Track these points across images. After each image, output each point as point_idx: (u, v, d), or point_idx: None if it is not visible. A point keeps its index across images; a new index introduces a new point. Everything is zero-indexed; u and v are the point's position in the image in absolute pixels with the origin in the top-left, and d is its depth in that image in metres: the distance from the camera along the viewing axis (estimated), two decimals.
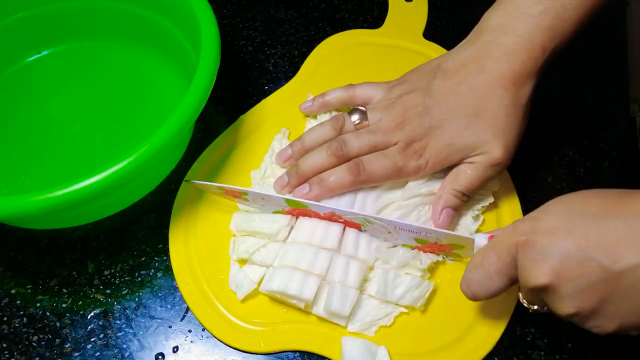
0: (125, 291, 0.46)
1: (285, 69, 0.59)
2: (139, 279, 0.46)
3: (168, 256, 0.47)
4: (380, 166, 0.45)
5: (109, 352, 0.43)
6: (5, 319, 0.45)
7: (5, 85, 0.58)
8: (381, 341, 0.42)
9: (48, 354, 0.43)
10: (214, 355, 0.43)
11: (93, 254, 0.48)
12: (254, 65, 0.59)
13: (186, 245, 0.47)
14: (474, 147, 0.44)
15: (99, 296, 0.46)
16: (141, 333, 0.44)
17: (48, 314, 0.45)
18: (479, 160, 0.44)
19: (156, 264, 0.47)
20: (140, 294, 0.46)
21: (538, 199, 0.49)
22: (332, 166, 0.46)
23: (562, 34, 0.44)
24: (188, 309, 0.44)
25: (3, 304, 0.46)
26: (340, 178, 0.45)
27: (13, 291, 0.46)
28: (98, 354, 0.43)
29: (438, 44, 0.59)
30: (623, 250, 0.31)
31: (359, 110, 0.48)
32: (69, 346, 0.43)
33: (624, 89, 0.56)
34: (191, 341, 0.43)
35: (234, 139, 0.53)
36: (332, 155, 0.46)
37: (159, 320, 0.44)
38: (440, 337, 0.42)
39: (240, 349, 0.42)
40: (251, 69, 0.59)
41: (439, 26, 0.62)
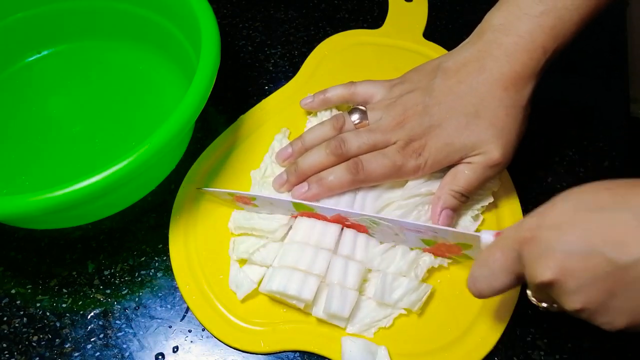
0: (125, 291, 0.46)
1: (285, 69, 0.59)
2: (139, 279, 0.46)
3: (168, 256, 0.47)
4: (379, 165, 0.45)
5: (109, 352, 0.43)
6: (5, 319, 0.45)
7: (5, 85, 0.58)
8: (380, 342, 0.42)
9: (48, 354, 0.43)
10: (214, 355, 0.43)
11: (93, 254, 0.48)
12: (254, 65, 0.59)
13: (186, 245, 0.47)
14: (473, 147, 0.44)
15: (99, 296, 0.46)
16: (141, 333, 0.44)
17: (48, 314, 0.45)
18: (478, 161, 0.44)
19: (156, 264, 0.47)
20: (140, 294, 0.46)
21: (538, 199, 0.49)
22: (331, 165, 0.46)
23: (564, 34, 0.44)
24: (188, 309, 0.44)
25: (3, 304, 0.46)
26: (339, 177, 0.45)
27: (13, 291, 0.46)
28: (98, 354, 0.43)
29: (438, 44, 0.59)
30: (631, 243, 0.30)
31: (359, 110, 0.48)
32: (69, 346, 0.43)
33: (624, 89, 0.56)
34: (191, 341, 0.43)
35: (234, 139, 0.53)
36: (331, 153, 0.46)
37: (159, 320, 0.44)
38: (440, 338, 0.42)
39: (240, 349, 0.42)
40: (251, 69, 0.59)
41: (439, 26, 0.62)
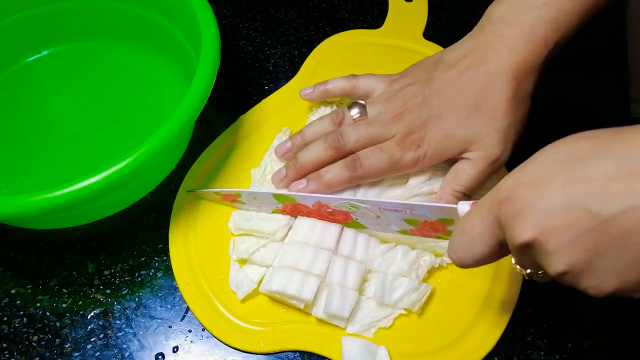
0: (125, 291, 0.46)
1: (285, 69, 0.59)
2: (139, 279, 0.46)
3: (168, 256, 0.47)
4: (377, 160, 0.44)
5: (109, 352, 0.43)
6: (5, 319, 0.45)
7: (5, 85, 0.58)
8: (380, 342, 0.42)
9: (48, 354, 0.43)
10: (214, 355, 0.43)
11: (93, 254, 0.48)
12: (254, 65, 0.59)
13: (186, 245, 0.47)
14: (473, 139, 0.43)
15: (99, 296, 0.46)
16: (141, 333, 0.44)
17: (48, 314, 0.45)
18: (478, 156, 0.44)
19: (156, 264, 0.47)
20: (140, 294, 0.46)
21: None
22: (330, 159, 0.46)
23: (566, 27, 0.43)
24: (188, 309, 0.44)
25: (3, 304, 0.46)
26: (336, 174, 0.45)
27: (13, 291, 0.46)
28: (98, 354, 0.43)
29: (438, 44, 0.59)
30: (614, 193, 0.27)
31: (359, 104, 0.48)
32: (69, 346, 0.43)
33: (624, 89, 0.56)
34: (191, 341, 0.43)
35: (234, 139, 0.53)
36: (329, 147, 0.46)
37: (159, 320, 0.44)
38: (440, 338, 0.42)
39: (240, 349, 0.42)
40: (251, 69, 0.59)
41: (439, 26, 0.62)
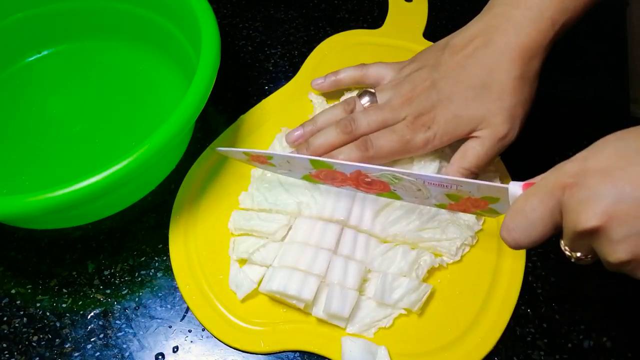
0: (125, 291, 0.46)
1: (285, 69, 0.59)
2: (139, 279, 0.46)
3: (168, 256, 0.47)
4: (388, 141, 0.45)
5: (109, 352, 0.43)
6: (5, 319, 0.45)
7: (5, 85, 0.58)
8: (380, 342, 0.42)
9: (48, 354, 0.43)
10: (214, 355, 0.43)
11: (93, 254, 0.48)
12: (254, 65, 0.59)
13: (186, 245, 0.47)
14: (481, 119, 0.44)
15: (99, 296, 0.46)
16: (141, 333, 0.44)
17: (48, 314, 0.45)
18: (486, 135, 0.44)
19: (156, 264, 0.47)
20: (140, 294, 0.46)
21: None
22: (341, 143, 0.47)
23: (573, 7, 0.43)
24: (188, 309, 0.44)
25: (3, 304, 0.46)
26: (348, 155, 0.46)
27: (13, 291, 0.46)
28: (98, 354, 0.43)
29: None
30: None
31: (369, 92, 0.49)
32: (69, 346, 0.43)
33: (624, 89, 0.56)
34: (191, 341, 0.43)
35: (234, 139, 0.53)
36: (342, 132, 0.47)
37: (159, 320, 0.44)
38: (440, 337, 0.42)
39: (240, 349, 0.42)
40: (251, 69, 0.59)
41: (439, 26, 0.62)
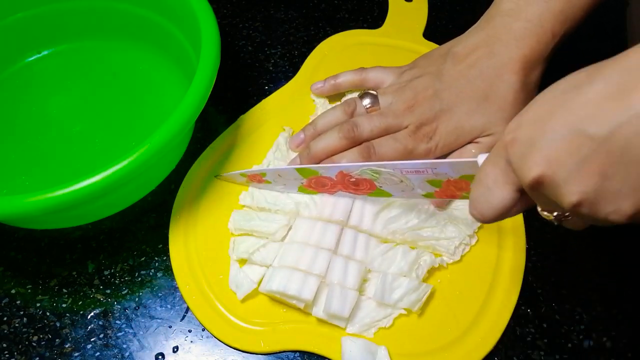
0: (125, 291, 0.46)
1: (285, 69, 0.59)
2: (139, 279, 0.46)
3: (168, 256, 0.47)
4: (391, 149, 0.45)
5: (109, 352, 0.43)
6: (5, 319, 0.45)
7: (5, 85, 0.58)
8: (380, 342, 0.42)
9: (48, 354, 0.43)
10: (214, 355, 0.43)
11: (93, 254, 0.48)
12: (254, 65, 0.59)
13: (186, 245, 0.47)
14: (482, 130, 0.45)
15: (99, 296, 0.46)
16: (141, 333, 0.44)
17: (48, 314, 0.45)
18: (486, 141, 0.45)
19: (156, 264, 0.47)
20: (140, 294, 0.46)
21: None
22: (343, 148, 0.47)
23: (572, 18, 0.44)
24: (188, 309, 0.44)
25: (3, 304, 0.46)
26: (351, 161, 0.46)
27: (13, 291, 0.46)
28: (98, 354, 0.43)
29: (438, 44, 0.59)
30: (608, 110, 0.27)
31: (370, 94, 0.49)
32: (69, 346, 0.43)
33: None
34: (191, 341, 0.43)
35: (234, 139, 0.53)
36: (344, 137, 0.46)
37: (159, 320, 0.44)
38: (440, 337, 0.42)
39: (240, 349, 0.42)
40: (251, 69, 0.59)
41: (439, 26, 0.62)
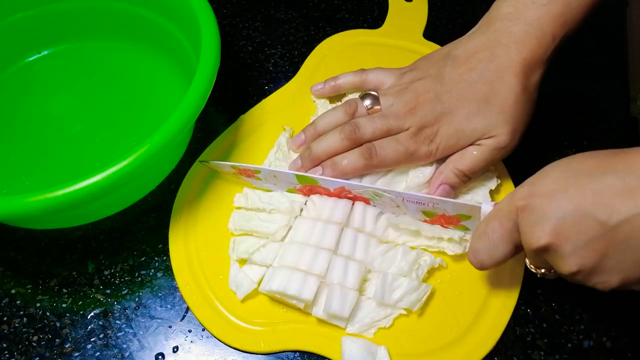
0: (125, 291, 0.46)
1: (285, 69, 0.59)
2: (139, 279, 0.46)
3: (168, 256, 0.47)
4: (392, 151, 0.46)
5: (109, 352, 0.43)
6: (5, 319, 0.45)
7: (5, 85, 0.58)
8: (380, 342, 0.42)
9: (48, 354, 0.43)
10: (214, 355, 0.43)
11: (93, 254, 0.48)
12: (254, 65, 0.59)
13: (186, 245, 0.47)
14: (483, 132, 0.45)
15: (99, 296, 0.46)
16: (141, 333, 0.44)
17: (48, 314, 0.45)
18: (487, 143, 0.45)
19: (156, 264, 0.47)
20: (140, 294, 0.46)
21: None
22: (345, 149, 0.47)
23: (572, 21, 0.44)
24: (188, 309, 0.44)
25: (3, 304, 0.46)
26: (352, 162, 0.46)
27: (13, 291, 0.46)
28: (98, 354, 0.43)
29: (438, 44, 0.59)
30: (618, 204, 0.32)
31: (371, 95, 0.49)
32: (69, 346, 0.43)
33: (624, 89, 0.56)
34: (191, 341, 0.43)
35: (234, 139, 0.53)
36: (346, 138, 0.46)
37: (159, 320, 0.44)
38: (440, 338, 0.42)
39: (240, 349, 0.42)
40: (251, 69, 0.59)
41: (439, 26, 0.62)
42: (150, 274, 0.47)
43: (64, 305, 0.45)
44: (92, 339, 0.44)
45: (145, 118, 0.54)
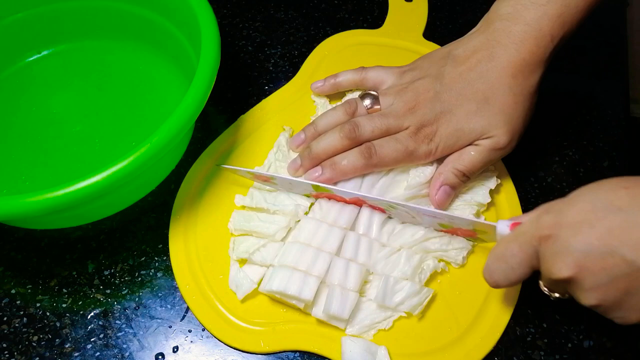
0: (125, 291, 0.46)
1: (285, 69, 0.59)
2: (139, 279, 0.46)
3: (168, 256, 0.47)
4: (392, 150, 0.46)
5: (109, 352, 0.43)
6: (5, 319, 0.45)
7: (5, 85, 0.58)
8: (380, 342, 0.42)
9: (48, 354, 0.43)
10: (214, 355, 0.43)
11: (93, 254, 0.48)
12: (254, 65, 0.59)
13: (186, 245, 0.47)
14: (482, 132, 0.45)
15: (99, 296, 0.46)
16: (141, 333, 0.44)
17: (48, 314, 0.45)
18: (485, 144, 0.45)
19: (156, 264, 0.47)
20: (140, 294, 0.46)
21: (538, 199, 0.49)
22: (345, 149, 0.47)
23: (571, 21, 0.44)
24: (188, 309, 0.44)
25: (3, 304, 0.46)
26: (352, 161, 0.46)
27: (13, 291, 0.46)
28: (98, 354, 0.43)
29: (438, 44, 0.59)
30: None
31: (371, 95, 0.49)
32: (69, 346, 0.43)
33: (624, 89, 0.56)
34: (191, 341, 0.43)
35: (234, 139, 0.53)
36: (345, 137, 0.46)
37: (159, 320, 0.44)
38: (440, 338, 0.42)
39: (240, 349, 0.42)
40: (251, 69, 0.59)
41: (439, 26, 0.62)
42: (150, 274, 0.47)
43: (64, 305, 0.45)
44: (92, 339, 0.44)
45: (145, 118, 0.54)
